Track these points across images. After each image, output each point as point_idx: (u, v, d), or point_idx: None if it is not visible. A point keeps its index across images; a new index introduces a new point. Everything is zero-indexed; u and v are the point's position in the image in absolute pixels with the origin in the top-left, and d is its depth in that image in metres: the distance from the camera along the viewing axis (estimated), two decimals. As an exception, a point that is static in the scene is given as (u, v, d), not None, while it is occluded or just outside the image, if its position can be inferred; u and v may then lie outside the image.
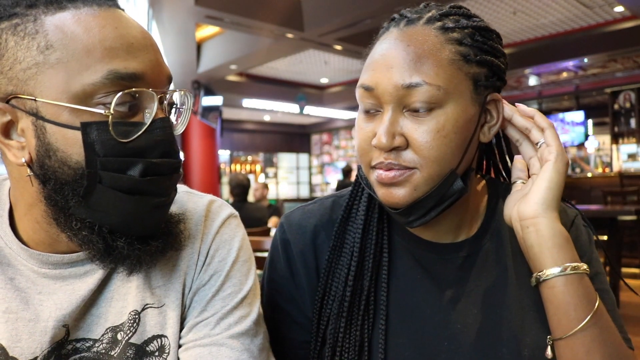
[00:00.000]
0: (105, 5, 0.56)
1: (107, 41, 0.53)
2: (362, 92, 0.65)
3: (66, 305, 0.58)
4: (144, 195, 0.55)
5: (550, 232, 0.61)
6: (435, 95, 0.60)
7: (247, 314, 0.65)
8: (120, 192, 0.53)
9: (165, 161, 0.56)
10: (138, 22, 0.58)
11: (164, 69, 0.58)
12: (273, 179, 13.94)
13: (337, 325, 0.69)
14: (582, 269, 0.61)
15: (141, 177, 0.54)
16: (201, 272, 0.66)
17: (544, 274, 0.61)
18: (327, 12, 5.65)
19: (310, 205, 0.80)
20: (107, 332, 0.61)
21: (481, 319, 0.67)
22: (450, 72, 0.61)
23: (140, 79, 0.54)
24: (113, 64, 0.53)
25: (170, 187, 0.58)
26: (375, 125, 0.64)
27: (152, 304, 0.63)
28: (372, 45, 0.68)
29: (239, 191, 4.41)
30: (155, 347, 0.62)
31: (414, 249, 0.72)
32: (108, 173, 0.53)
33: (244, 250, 0.69)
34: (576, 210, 0.76)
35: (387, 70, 0.62)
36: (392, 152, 0.62)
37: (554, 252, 0.61)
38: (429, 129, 0.60)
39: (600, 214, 4.19)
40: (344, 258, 0.71)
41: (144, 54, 0.55)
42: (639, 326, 3.50)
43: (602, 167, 9.15)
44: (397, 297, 0.70)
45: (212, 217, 0.69)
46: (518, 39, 7.67)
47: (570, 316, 0.60)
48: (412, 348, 0.67)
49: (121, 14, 0.57)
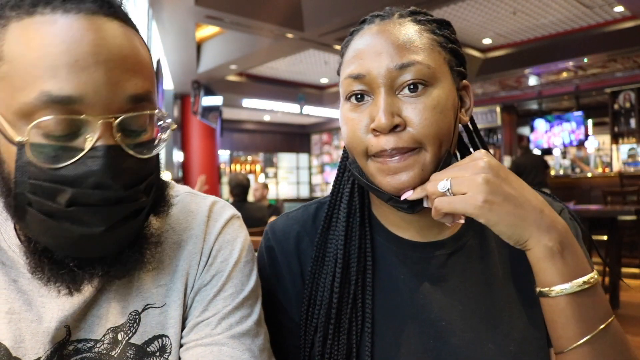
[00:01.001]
0: (76, 11, 0.50)
1: (49, 58, 0.48)
2: (351, 82, 0.65)
3: (68, 307, 0.58)
4: (74, 224, 0.51)
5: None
6: (427, 74, 0.62)
7: (248, 314, 0.65)
8: (48, 218, 0.51)
9: (97, 192, 0.50)
10: (106, 34, 0.51)
11: (122, 90, 0.51)
12: (273, 179, 13.94)
13: (325, 333, 0.69)
14: (594, 279, 0.57)
15: (67, 207, 0.50)
16: (203, 272, 0.66)
17: (552, 291, 0.57)
18: (327, 12, 5.65)
19: (294, 212, 0.81)
20: (108, 332, 0.61)
21: (466, 316, 0.67)
22: (433, 55, 0.64)
23: (79, 102, 0.49)
24: (48, 84, 0.48)
25: (108, 219, 0.51)
26: (366, 113, 0.64)
27: (153, 304, 0.63)
28: (347, 44, 0.70)
29: (238, 191, 4.41)
30: (156, 347, 0.62)
31: (397, 249, 0.72)
32: (36, 197, 0.51)
33: (246, 251, 0.69)
34: (561, 204, 0.76)
35: (377, 56, 0.63)
36: (392, 137, 0.62)
37: (562, 265, 0.57)
38: (425, 106, 0.62)
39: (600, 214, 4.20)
40: (327, 266, 0.72)
41: (88, 74, 0.49)
42: (639, 326, 3.50)
43: (602, 167, 9.14)
44: (382, 298, 0.70)
45: (214, 218, 0.69)
46: (518, 39, 7.67)
47: (573, 331, 0.57)
48: (398, 347, 0.67)
49: (86, 24, 0.50)
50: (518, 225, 0.56)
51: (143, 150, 0.55)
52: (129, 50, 0.53)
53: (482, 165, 0.58)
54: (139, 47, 0.55)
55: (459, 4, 6.06)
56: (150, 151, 0.56)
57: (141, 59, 0.55)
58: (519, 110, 10.63)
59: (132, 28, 0.56)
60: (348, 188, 0.75)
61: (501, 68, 7.97)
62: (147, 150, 0.55)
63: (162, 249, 0.66)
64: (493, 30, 7.21)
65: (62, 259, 0.54)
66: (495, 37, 7.51)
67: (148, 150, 0.56)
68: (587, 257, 0.70)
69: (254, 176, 13.41)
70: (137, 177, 0.54)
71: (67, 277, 0.54)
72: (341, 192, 0.76)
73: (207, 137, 9.15)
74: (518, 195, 0.58)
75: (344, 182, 0.77)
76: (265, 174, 13.96)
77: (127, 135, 0.53)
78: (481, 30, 7.18)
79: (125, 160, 0.52)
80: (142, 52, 0.56)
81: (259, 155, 13.93)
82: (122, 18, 0.55)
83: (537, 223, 0.57)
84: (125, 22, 0.55)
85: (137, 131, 0.55)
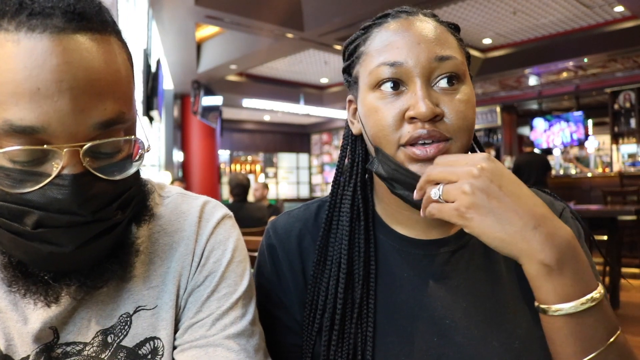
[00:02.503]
0: (41, 29, 0.46)
1: (11, 85, 0.46)
2: (385, 70, 0.64)
3: (53, 308, 0.58)
4: (42, 244, 0.50)
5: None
6: (461, 70, 0.64)
7: (242, 314, 0.65)
8: (17, 237, 0.50)
9: (64, 217, 0.49)
10: (71, 57, 0.47)
11: (89, 117, 0.48)
12: (273, 179, 13.94)
13: (329, 337, 0.69)
14: (599, 295, 0.53)
15: (34, 230, 0.49)
16: (196, 273, 0.65)
17: (549, 309, 0.53)
18: (327, 12, 5.65)
19: (295, 210, 0.80)
20: (98, 335, 0.60)
21: (470, 313, 0.67)
22: (461, 53, 0.67)
23: (42, 132, 0.47)
24: (10, 112, 0.46)
25: (77, 239, 0.50)
26: (401, 102, 0.63)
27: (145, 306, 0.62)
28: (368, 37, 0.68)
29: (238, 191, 4.41)
30: (147, 350, 0.61)
31: (400, 247, 0.72)
32: (2, 218, 0.50)
33: (239, 251, 0.69)
34: (563, 204, 0.75)
35: (416, 45, 0.63)
36: (429, 123, 0.62)
37: (560, 284, 0.52)
38: (461, 99, 0.64)
39: (600, 214, 4.20)
40: (331, 270, 0.71)
41: (51, 103, 0.46)
42: (639, 326, 3.49)
43: (602, 167, 9.14)
44: (385, 297, 0.70)
45: (206, 218, 0.69)
46: (518, 39, 7.67)
47: (572, 349, 0.53)
48: (402, 346, 0.67)
49: (49, 46, 0.46)
50: (504, 240, 0.52)
51: (115, 172, 0.53)
52: (98, 70, 0.49)
53: (474, 173, 0.54)
54: (113, 61, 0.51)
55: (459, 4, 6.06)
56: (124, 172, 0.54)
57: (114, 77, 0.51)
58: (519, 110, 10.64)
59: (110, 35, 0.52)
60: (349, 190, 0.74)
61: (501, 68, 7.97)
62: (119, 172, 0.53)
63: (154, 251, 0.65)
64: (493, 30, 7.21)
65: (36, 272, 0.53)
66: (495, 37, 7.51)
67: (121, 171, 0.53)
68: (591, 263, 0.66)
69: (254, 176, 13.41)
70: (110, 198, 0.53)
71: (42, 290, 0.54)
72: (341, 194, 0.75)
73: (207, 137, 9.15)
74: (508, 208, 0.53)
75: (345, 183, 0.76)
76: (265, 174, 13.96)
77: (98, 158, 0.51)
78: (481, 30, 7.18)
79: (95, 186, 0.51)
80: (116, 66, 0.51)
81: (259, 155, 13.94)
82: (96, 28, 0.50)
83: (527, 240, 0.52)
84: (100, 32, 0.51)
85: (109, 153, 0.52)
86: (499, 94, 9.88)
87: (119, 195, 0.54)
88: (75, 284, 0.54)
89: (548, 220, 0.53)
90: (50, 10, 0.47)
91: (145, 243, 0.65)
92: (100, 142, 0.50)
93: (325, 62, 8.68)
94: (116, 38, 0.54)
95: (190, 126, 9.05)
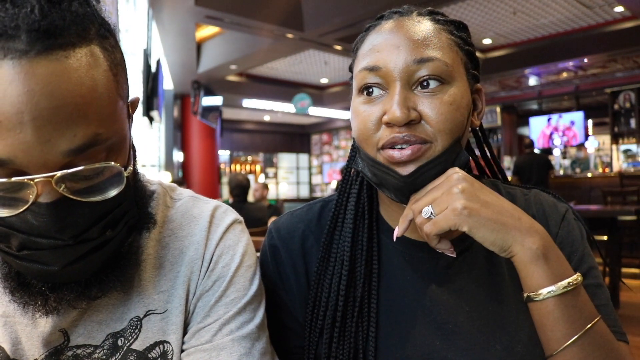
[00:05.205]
0: (3, 54, 0.43)
1: None
2: (365, 74, 0.64)
3: (62, 311, 0.58)
4: (30, 263, 0.50)
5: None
6: (445, 71, 0.62)
7: (250, 318, 0.64)
8: (6, 255, 0.51)
9: (45, 241, 0.49)
10: (34, 84, 0.43)
11: (56, 147, 0.45)
12: (273, 179, 13.94)
13: (330, 335, 0.69)
14: (577, 280, 0.58)
15: (18, 251, 0.49)
16: (205, 278, 0.65)
17: (539, 294, 0.58)
18: (327, 12, 5.65)
19: (298, 211, 0.80)
20: (108, 338, 0.60)
21: (473, 316, 0.67)
22: (451, 54, 0.64)
23: (11, 164, 0.45)
24: None
25: (62, 259, 0.50)
26: (380, 106, 0.63)
27: (155, 309, 0.62)
28: (363, 39, 0.69)
29: (238, 192, 4.41)
30: (157, 354, 0.62)
31: (403, 249, 0.72)
32: None
33: (248, 256, 0.68)
34: (566, 205, 0.75)
35: (395, 49, 0.63)
36: (405, 128, 0.62)
37: (547, 267, 0.58)
38: (442, 102, 0.62)
39: (600, 214, 4.19)
40: (334, 267, 0.71)
41: (14, 135, 0.44)
42: (639, 326, 3.49)
43: (602, 167, 9.14)
44: (388, 299, 0.70)
45: (216, 223, 0.69)
46: (518, 39, 7.67)
47: (562, 332, 0.57)
48: (404, 349, 0.67)
49: (10, 74, 0.43)
50: (500, 230, 0.57)
51: (95, 194, 0.50)
52: (65, 95, 0.45)
53: (456, 178, 0.59)
54: (87, 78, 0.47)
55: (459, 4, 6.06)
56: (105, 194, 0.51)
57: (86, 99, 0.47)
58: (519, 110, 10.64)
59: (88, 44, 0.48)
60: (356, 188, 0.74)
61: (501, 68, 7.98)
62: (99, 194, 0.51)
63: (164, 255, 0.65)
64: (493, 30, 7.21)
65: (34, 283, 0.53)
66: (495, 37, 7.51)
67: (102, 193, 0.51)
68: (591, 257, 0.70)
69: (254, 176, 13.42)
70: (93, 219, 0.51)
71: (41, 300, 0.53)
72: (348, 191, 0.75)
73: (207, 137, 9.15)
74: (495, 202, 0.59)
75: (352, 181, 0.76)
76: (265, 174, 13.96)
77: (76, 182, 0.49)
78: (481, 30, 7.18)
79: (74, 211, 0.49)
80: (91, 83, 0.47)
81: (259, 156, 13.94)
82: (68, 42, 0.46)
83: (518, 227, 0.58)
84: (73, 45, 0.46)
85: (88, 176, 0.50)
86: (499, 94, 9.89)
87: (105, 214, 0.52)
88: (73, 294, 0.54)
89: (524, 216, 0.60)
90: (13, 31, 0.43)
91: (155, 247, 0.65)
92: (73, 170, 0.47)
93: (325, 63, 8.68)
94: (98, 46, 0.49)
95: (190, 126, 9.05)
